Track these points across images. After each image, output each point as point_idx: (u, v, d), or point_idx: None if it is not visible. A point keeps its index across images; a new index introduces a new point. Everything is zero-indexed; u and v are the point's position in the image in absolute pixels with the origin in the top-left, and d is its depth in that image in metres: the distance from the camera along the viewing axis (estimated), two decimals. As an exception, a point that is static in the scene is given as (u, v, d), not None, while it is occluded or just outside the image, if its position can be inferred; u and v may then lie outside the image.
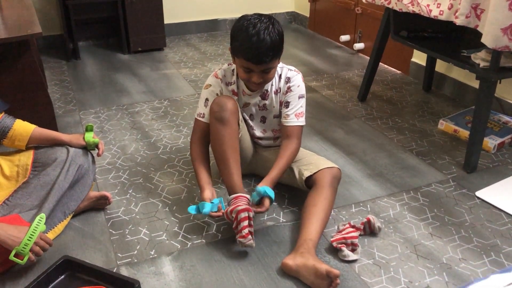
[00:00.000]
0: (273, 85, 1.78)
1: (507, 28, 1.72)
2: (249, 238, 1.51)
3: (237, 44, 1.60)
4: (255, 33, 1.55)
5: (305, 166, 1.77)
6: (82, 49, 3.64)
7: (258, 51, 1.55)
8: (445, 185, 1.97)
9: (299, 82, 1.77)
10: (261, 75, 1.63)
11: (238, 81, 1.79)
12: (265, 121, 1.85)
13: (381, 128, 2.45)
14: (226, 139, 1.64)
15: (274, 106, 1.80)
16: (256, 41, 1.54)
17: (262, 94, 1.79)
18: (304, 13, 4.30)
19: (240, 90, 1.80)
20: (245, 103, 1.81)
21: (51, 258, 1.51)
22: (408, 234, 1.68)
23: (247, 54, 1.57)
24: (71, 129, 2.43)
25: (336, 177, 1.72)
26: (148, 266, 1.53)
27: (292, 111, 1.76)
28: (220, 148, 1.65)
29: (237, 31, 1.60)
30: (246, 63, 1.60)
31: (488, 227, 1.72)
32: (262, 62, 1.58)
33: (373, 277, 1.49)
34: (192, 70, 3.26)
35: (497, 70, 1.91)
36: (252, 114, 1.84)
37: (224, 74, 1.80)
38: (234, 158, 1.65)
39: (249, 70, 1.63)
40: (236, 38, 1.60)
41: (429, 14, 2.04)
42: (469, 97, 2.72)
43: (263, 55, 1.56)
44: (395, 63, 3.27)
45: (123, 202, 1.85)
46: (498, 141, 2.20)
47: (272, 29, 1.58)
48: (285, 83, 1.77)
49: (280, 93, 1.79)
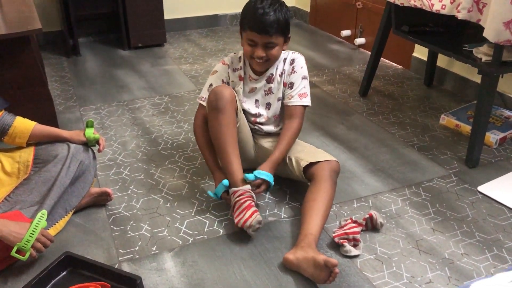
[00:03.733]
0: (278, 69, 1.84)
1: (510, 22, 1.71)
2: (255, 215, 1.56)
3: (245, 18, 1.71)
4: (261, 7, 1.67)
5: (303, 156, 1.78)
6: (82, 45, 3.63)
7: (262, 20, 1.65)
8: (447, 180, 1.96)
9: (302, 64, 1.85)
10: (264, 49, 1.70)
11: (245, 67, 1.85)
12: (270, 107, 1.88)
13: (383, 123, 2.44)
14: (224, 128, 1.68)
15: (279, 89, 1.85)
16: (261, 13, 1.66)
17: (268, 78, 1.84)
18: (305, 8, 4.28)
19: (247, 76, 1.85)
20: (251, 88, 1.85)
21: (52, 254, 1.50)
22: (410, 229, 1.68)
23: (251, 24, 1.67)
24: (72, 125, 2.43)
25: (334, 170, 1.71)
26: (150, 262, 1.53)
27: (295, 92, 1.82)
28: (218, 137, 1.69)
29: (246, 7, 1.73)
30: (251, 34, 1.68)
31: (490, 222, 1.71)
32: (265, 33, 1.66)
33: (375, 272, 1.49)
34: (192, 66, 3.25)
35: (499, 65, 1.90)
36: (257, 99, 1.87)
37: (231, 60, 1.87)
38: (232, 147, 1.69)
39: (253, 44, 1.70)
40: (244, 13, 1.72)
41: (431, 8, 2.03)
42: (470, 92, 2.71)
43: (266, 25, 1.65)
44: (396, 58, 3.26)
45: (124, 198, 1.85)
46: (500, 136, 2.20)
47: (279, 7, 1.69)
48: (290, 64, 1.84)
49: (285, 74, 1.85)
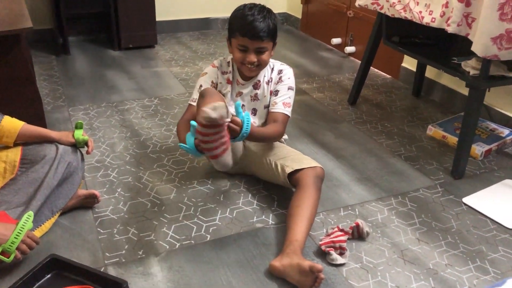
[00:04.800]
0: (265, 76, 1.90)
1: (497, 38, 1.74)
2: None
3: (234, 24, 1.75)
4: (251, 13, 1.72)
5: (288, 162, 1.79)
6: (72, 44, 3.60)
7: (253, 25, 1.70)
8: (432, 191, 1.99)
9: (290, 75, 1.90)
10: (256, 55, 1.76)
11: (233, 72, 1.91)
12: (255, 113, 1.93)
13: (371, 132, 2.47)
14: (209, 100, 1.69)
15: (265, 96, 1.90)
16: (251, 19, 1.71)
17: (255, 84, 1.89)
18: (297, 15, 4.30)
19: (235, 80, 1.91)
20: (238, 92, 1.91)
21: (37, 256, 1.49)
22: (395, 239, 1.70)
23: (242, 30, 1.72)
24: (60, 125, 2.41)
25: (319, 177, 1.73)
26: (136, 266, 1.53)
27: (280, 99, 1.87)
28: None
29: (234, 14, 1.78)
30: (242, 39, 1.73)
31: (474, 234, 1.74)
32: (257, 38, 1.71)
33: (361, 281, 1.50)
34: (183, 69, 3.25)
35: (487, 79, 1.94)
36: (243, 105, 1.91)
37: (221, 63, 1.92)
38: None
39: (245, 49, 1.75)
40: (233, 19, 1.77)
41: (421, 21, 2.06)
42: (458, 104, 2.75)
43: (258, 30, 1.71)
44: (385, 67, 3.29)
45: (112, 201, 1.84)
46: (485, 148, 2.23)
47: (268, 14, 1.75)
48: (277, 74, 1.90)
49: (271, 83, 1.90)
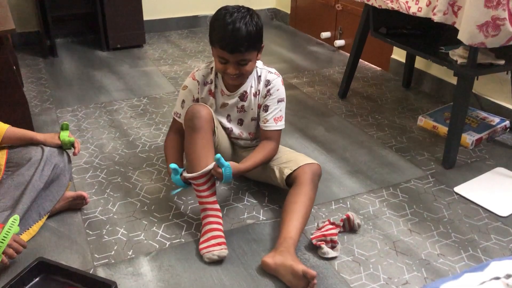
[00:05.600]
0: (253, 87, 1.76)
1: (483, 25, 1.73)
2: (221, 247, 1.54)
3: (214, 33, 1.60)
4: (231, 21, 1.55)
5: (285, 164, 1.76)
6: (59, 46, 3.57)
7: (232, 39, 1.54)
8: (424, 181, 1.98)
9: (279, 86, 1.75)
10: (237, 66, 1.61)
11: (216, 80, 1.76)
12: (242, 123, 1.82)
13: (361, 125, 2.46)
14: (199, 148, 1.61)
15: (252, 109, 1.78)
16: (231, 29, 1.54)
17: (241, 95, 1.75)
18: (285, 10, 4.29)
19: (219, 89, 1.77)
20: (223, 103, 1.77)
21: (25, 260, 1.47)
22: (387, 230, 1.69)
23: (221, 42, 1.57)
24: (48, 127, 2.39)
25: (316, 174, 1.71)
26: (126, 267, 1.51)
27: (271, 116, 1.75)
28: (192, 157, 1.62)
29: (214, 20, 1.61)
30: (221, 52, 1.59)
31: (466, 223, 1.73)
32: (236, 52, 1.57)
33: (353, 274, 1.49)
34: (172, 67, 3.22)
35: (475, 67, 1.93)
36: (229, 115, 1.80)
37: (202, 74, 1.77)
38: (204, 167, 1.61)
39: (225, 61, 1.61)
40: (213, 27, 1.61)
41: (408, 11, 2.05)
42: (448, 94, 2.75)
43: (238, 44, 1.55)
44: (375, 60, 3.28)
45: (101, 202, 1.82)
46: (476, 137, 2.23)
47: (250, 19, 1.57)
48: (265, 86, 1.75)
49: (259, 96, 1.77)
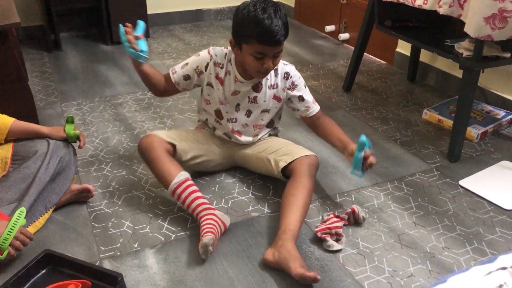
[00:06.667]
0: (268, 79, 1.75)
1: (490, 17, 1.72)
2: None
3: (249, 29, 1.56)
4: (268, 16, 1.54)
5: (281, 156, 1.76)
6: (64, 40, 3.57)
7: (273, 32, 1.54)
8: (429, 175, 1.98)
9: (297, 73, 1.82)
10: (273, 59, 1.62)
11: (228, 66, 1.74)
12: (250, 115, 1.81)
13: (366, 118, 2.45)
14: (163, 164, 1.68)
15: (265, 101, 1.78)
16: (270, 23, 1.53)
17: (255, 85, 1.75)
18: (289, 3, 4.27)
19: (232, 76, 1.74)
20: (235, 90, 1.75)
21: (32, 252, 1.48)
22: (392, 223, 1.69)
23: (262, 37, 1.55)
24: (53, 121, 2.39)
25: (313, 165, 1.71)
26: (132, 259, 1.52)
27: (309, 101, 1.83)
28: (161, 170, 1.68)
29: (246, 17, 1.57)
30: (261, 47, 1.57)
31: (470, 216, 1.73)
32: (277, 44, 1.57)
33: (358, 266, 1.49)
34: (176, 61, 3.22)
35: (480, 60, 1.92)
36: (239, 104, 1.78)
37: (215, 53, 1.75)
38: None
39: (262, 56, 1.59)
40: (246, 24, 1.56)
41: (413, 3, 2.04)
42: (453, 87, 2.73)
43: (279, 35, 1.55)
44: (379, 53, 3.27)
45: (106, 195, 1.83)
46: (481, 131, 2.22)
47: (280, 12, 1.58)
48: (285, 78, 1.78)
49: (278, 89, 1.77)
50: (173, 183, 1.61)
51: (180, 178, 1.62)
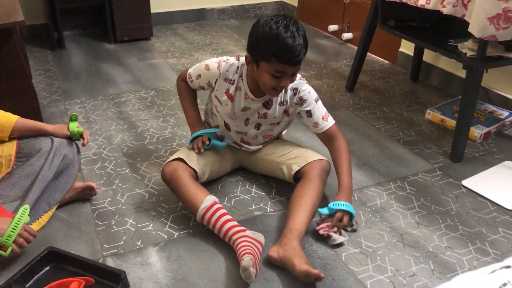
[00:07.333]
0: (278, 96, 1.72)
1: (494, 17, 1.72)
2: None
3: (270, 48, 1.50)
4: (291, 35, 1.48)
5: (293, 159, 1.76)
6: (67, 38, 3.58)
7: (296, 52, 1.49)
8: (431, 174, 1.98)
9: (307, 88, 1.73)
10: (291, 78, 1.58)
11: (239, 82, 1.70)
12: (259, 128, 1.80)
13: (369, 118, 2.45)
14: (189, 190, 1.64)
15: (275, 117, 1.76)
16: (292, 42, 1.48)
17: (265, 102, 1.72)
18: (293, 3, 4.27)
19: (242, 93, 1.71)
20: (245, 107, 1.73)
21: (35, 249, 1.49)
22: (395, 223, 1.69)
23: (284, 57, 1.50)
24: (57, 119, 2.40)
25: (325, 170, 1.71)
26: (135, 257, 1.52)
27: (318, 117, 1.74)
28: (188, 198, 1.64)
29: (267, 35, 1.50)
30: (281, 66, 1.51)
31: (473, 216, 1.73)
32: (299, 63, 1.54)
33: (360, 265, 1.49)
34: (179, 60, 3.23)
35: (484, 60, 1.92)
36: (248, 119, 1.76)
37: (226, 68, 1.70)
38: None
39: (281, 75, 1.54)
40: (268, 42, 1.50)
41: (416, 3, 2.04)
42: (456, 87, 2.73)
43: (301, 55, 1.52)
44: (383, 53, 3.27)
45: (109, 192, 1.83)
46: (484, 131, 2.22)
47: (301, 29, 1.54)
48: (294, 95, 1.72)
49: (288, 105, 1.75)
50: (200, 209, 1.56)
51: (207, 203, 1.57)
